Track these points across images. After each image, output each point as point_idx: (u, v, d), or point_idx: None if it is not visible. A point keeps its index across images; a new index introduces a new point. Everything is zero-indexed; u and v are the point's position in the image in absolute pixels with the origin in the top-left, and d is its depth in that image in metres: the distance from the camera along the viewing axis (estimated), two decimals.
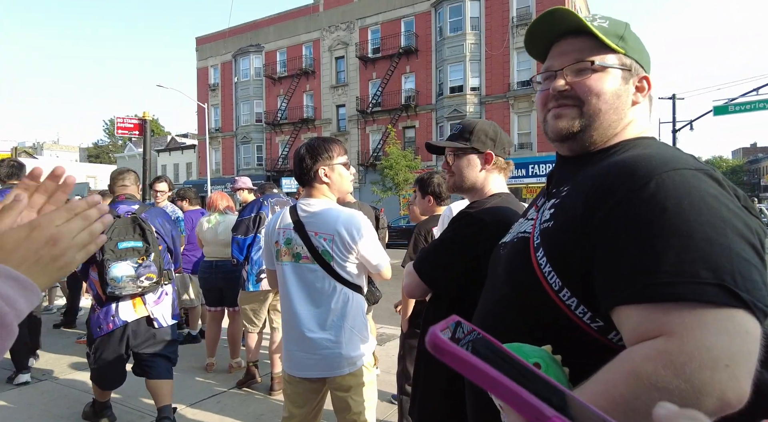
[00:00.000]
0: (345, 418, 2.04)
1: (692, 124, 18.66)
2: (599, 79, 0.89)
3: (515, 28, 22.92)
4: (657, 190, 0.69)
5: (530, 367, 0.44)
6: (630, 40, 0.92)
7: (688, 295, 0.62)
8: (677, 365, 0.60)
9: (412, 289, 1.50)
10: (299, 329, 1.96)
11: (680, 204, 0.66)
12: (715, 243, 0.64)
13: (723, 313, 0.61)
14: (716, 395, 0.58)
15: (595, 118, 0.89)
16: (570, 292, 0.78)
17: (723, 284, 0.62)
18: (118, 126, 7.51)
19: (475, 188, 1.55)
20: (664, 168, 0.71)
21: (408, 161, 22.11)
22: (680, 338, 0.61)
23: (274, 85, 30.85)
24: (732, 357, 0.59)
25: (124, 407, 3.50)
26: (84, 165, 50.64)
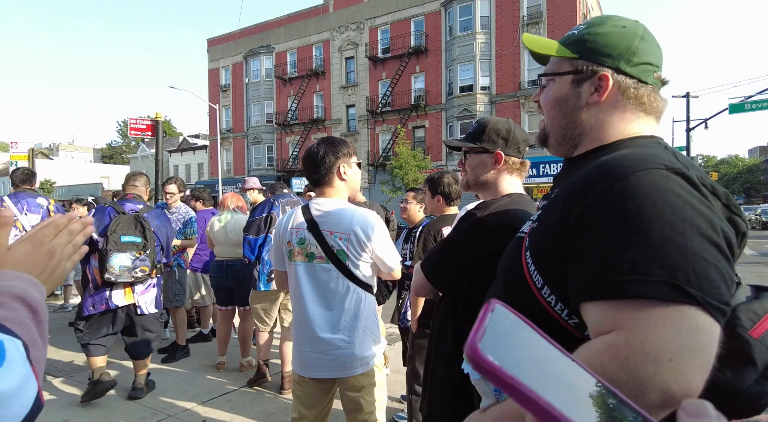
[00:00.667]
0: (356, 418, 2.04)
1: (707, 122, 18.37)
2: (548, 89, 0.97)
3: (526, 26, 22.76)
4: (622, 190, 0.71)
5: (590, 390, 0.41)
6: (590, 41, 0.91)
7: (639, 292, 0.65)
8: (622, 358, 0.62)
9: (418, 287, 1.50)
10: (312, 329, 1.96)
11: (642, 204, 0.68)
12: (672, 242, 0.65)
13: (672, 309, 0.63)
14: (659, 388, 0.60)
15: (550, 124, 0.99)
16: (550, 289, 0.82)
17: (674, 282, 0.63)
18: (131, 127, 7.62)
19: (487, 188, 1.54)
20: (634, 168, 0.72)
21: (418, 160, 22.07)
22: (627, 332, 0.64)
23: (284, 86, 31.01)
24: (677, 352, 0.61)
25: (138, 404, 3.55)
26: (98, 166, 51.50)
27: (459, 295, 1.44)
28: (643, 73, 0.89)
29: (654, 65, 0.91)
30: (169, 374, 4.24)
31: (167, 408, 3.48)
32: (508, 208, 1.44)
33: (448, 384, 1.43)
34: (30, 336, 0.57)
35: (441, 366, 1.46)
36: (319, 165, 2.00)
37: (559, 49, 0.95)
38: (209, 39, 35.17)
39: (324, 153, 2.00)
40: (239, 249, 4.02)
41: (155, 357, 4.66)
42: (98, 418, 3.32)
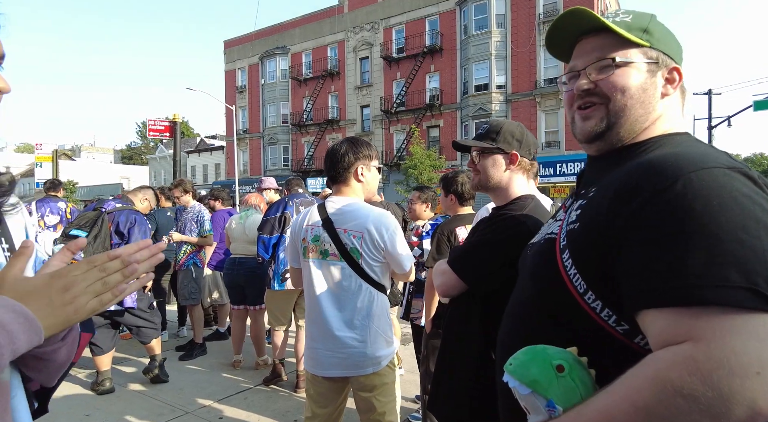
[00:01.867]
0: (369, 418, 2.04)
1: (730, 120, 17.92)
2: (623, 75, 0.88)
3: (542, 24, 22.49)
4: (684, 190, 0.66)
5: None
6: (656, 31, 0.90)
7: (716, 299, 0.60)
8: (704, 372, 0.57)
9: (448, 288, 1.48)
10: (325, 327, 1.97)
11: (709, 204, 0.64)
12: (747, 245, 0.61)
13: (754, 318, 0.59)
14: (746, 403, 0.56)
15: (621, 114, 0.89)
16: (595, 295, 0.77)
17: (755, 289, 0.59)
18: (150, 128, 7.77)
19: (500, 188, 1.54)
20: (693, 167, 0.68)
21: (432, 160, 21.99)
22: (708, 343, 0.59)
23: (299, 87, 31.22)
24: (763, 364, 0.56)
25: (157, 401, 3.61)
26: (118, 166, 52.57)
27: (488, 296, 1.43)
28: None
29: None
30: (187, 371, 4.31)
31: (185, 404, 3.54)
32: (538, 211, 1.46)
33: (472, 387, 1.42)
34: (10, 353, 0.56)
35: (462, 368, 1.45)
36: (338, 163, 2.02)
37: (632, 36, 0.88)
38: (226, 41, 35.59)
39: (345, 152, 2.02)
40: (254, 247, 4.07)
41: (173, 354, 4.75)
42: (118, 413, 3.39)
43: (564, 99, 1.01)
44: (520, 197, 1.53)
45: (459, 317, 1.53)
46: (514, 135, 1.53)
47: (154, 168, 46.17)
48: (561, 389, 0.71)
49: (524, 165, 1.55)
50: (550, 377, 0.72)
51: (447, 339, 1.58)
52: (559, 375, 0.71)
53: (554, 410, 0.71)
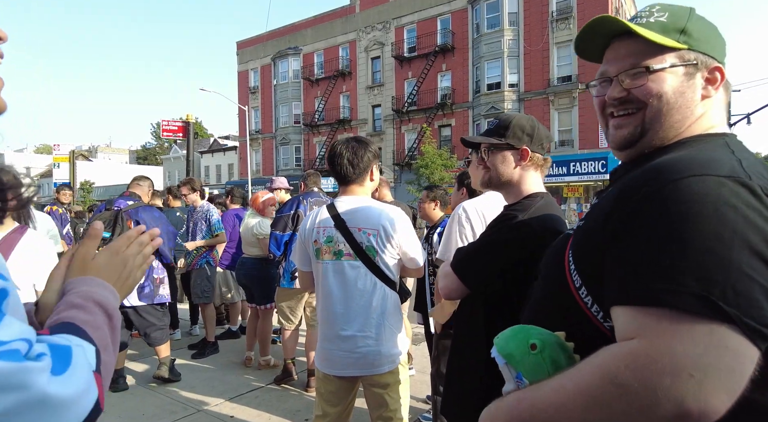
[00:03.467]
0: (381, 415, 2.04)
1: (749, 117, 17.53)
2: (657, 80, 0.84)
3: (555, 22, 22.25)
4: (669, 195, 0.67)
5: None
6: (695, 30, 0.85)
7: (668, 302, 0.62)
8: (638, 366, 0.61)
9: (450, 291, 1.46)
10: (339, 327, 1.96)
11: (687, 212, 0.64)
12: (715, 254, 0.62)
13: (701, 325, 0.60)
14: (674, 402, 0.58)
15: (656, 120, 0.85)
16: (587, 290, 0.81)
17: (707, 297, 0.60)
18: (164, 128, 7.87)
19: (511, 185, 1.50)
20: (687, 172, 0.68)
21: (444, 159, 21.91)
22: (649, 341, 0.62)
23: (311, 87, 31.34)
24: (700, 369, 0.58)
25: (169, 399, 3.64)
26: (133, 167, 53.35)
27: (491, 297, 1.40)
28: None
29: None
30: (199, 370, 4.34)
31: (197, 403, 3.56)
32: (548, 211, 1.41)
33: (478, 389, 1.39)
34: (103, 341, 0.62)
35: (470, 369, 1.43)
36: (359, 163, 2.02)
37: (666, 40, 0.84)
38: (238, 42, 35.89)
39: (364, 153, 2.03)
40: (252, 248, 4.31)
41: (185, 353, 4.79)
42: (131, 410, 3.42)
43: (595, 104, 0.98)
44: (529, 195, 1.48)
45: (465, 318, 1.51)
46: (524, 130, 1.47)
47: (168, 168, 46.78)
48: (531, 365, 0.78)
49: (536, 161, 1.49)
50: (523, 352, 0.80)
51: (455, 341, 1.56)
52: (532, 352, 0.79)
53: (521, 382, 0.79)
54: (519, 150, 1.47)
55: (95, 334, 0.61)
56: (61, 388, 0.51)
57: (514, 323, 1.38)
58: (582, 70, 21.54)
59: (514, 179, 1.49)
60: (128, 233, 0.80)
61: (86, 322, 0.62)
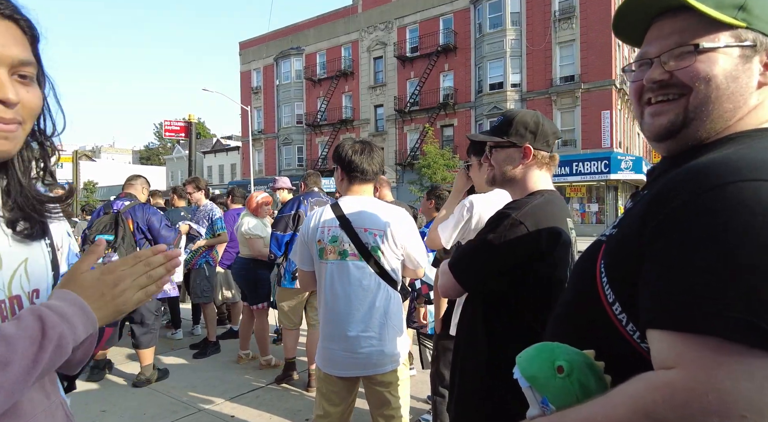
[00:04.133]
0: (383, 414, 2.04)
1: None
2: (708, 61, 0.72)
3: (557, 22, 22.21)
4: (715, 202, 0.58)
5: None
6: (757, 6, 0.73)
7: (713, 329, 0.54)
8: (677, 401, 0.54)
9: (447, 289, 1.46)
10: (342, 327, 1.95)
11: (737, 222, 0.56)
12: (764, 274, 0.53)
13: (752, 356, 0.52)
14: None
15: (703, 108, 0.74)
16: (621, 307, 0.71)
17: (757, 323, 0.52)
18: (166, 129, 7.89)
19: (515, 183, 1.49)
20: (737, 176, 0.59)
21: (446, 160, 21.90)
22: (692, 373, 0.54)
23: (314, 87, 31.38)
24: (755, 409, 0.50)
25: (171, 398, 3.65)
26: (136, 167, 53.54)
27: (490, 298, 1.40)
28: None
29: None
30: (200, 369, 4.34)
31: (198, 402, 3.57)
32: (544, 209, 1.39)
33: (479, 389, 1.39)
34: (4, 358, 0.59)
35: (471, 370, 1.42)
36: (381, 164, 2.07)
37: (721, 15, 0.72)
38: (241, 42, 36.00)
39: (379, 154, 2.07)
40: (244, 248, 4.37)
41: (187, 352, 4.80)
42: (132, 409, 3.43)
43: (630, 90, 0.86)
44: (533, 193, 1.46)
45: (466, 319, 1.51)
46: (527, 127, 1.44)
47: (171, 168, 46.92)
48: (557, 389, 0.71)
49: (540, 159, 1.46)
50: (548, 376, 0.72)
51: (457, 341, 1.56)
52: (558, 375, 0.71)
53: (547, 407, 0.72)
54: (521, 148, 1.44)
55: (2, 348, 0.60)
56: None
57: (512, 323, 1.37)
58: (585, 69, 21.49)
59: (518, 178, 1.47)
60: (139, 252, 0.79)
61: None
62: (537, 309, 1.29)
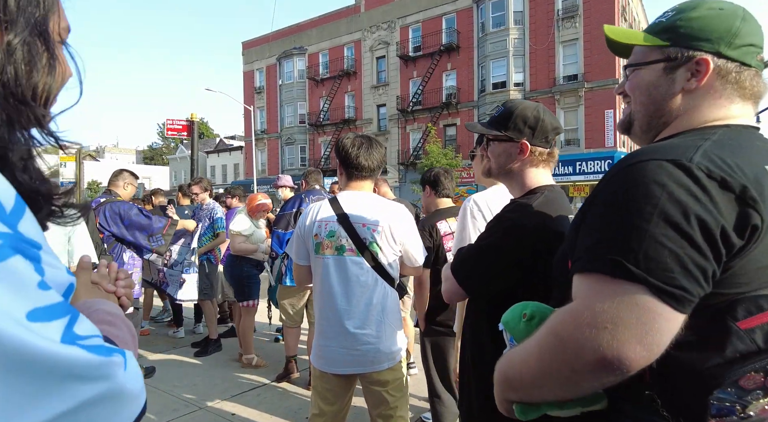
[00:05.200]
0: (381, 413, 2.01)
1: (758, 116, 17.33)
2: (635, 76, 0.96)
3: (560, 21, 22.13)
4: (616, 179, 0.79)
5: None
6: (683, 27, 0.88)
7: (591, 268, 0.75)
8: (569, 319, 0.74)
9: (451, 295, 1.43)
10: (339, 324, 1.93)
11: (622, 193, 0.75)
12: (633, 228, 0.71)
13: (616, 285, 0.70)
14: (593, 350, 0.69)
15: (637, 111, 0.96)
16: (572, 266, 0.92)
17: (620, 261, 0.70)
18: (168, 128, 7.90)
19: (512, 178, 1.45)
20: (635, 159, 0.77)
21: (449, 159, 21.86)
22: (579, 301, 0.75)
23: (316, 87, 31.40)
24: (614, 322, 0.68)
25: (172, 397, 3.64)
26: (139, 167, 53.72)
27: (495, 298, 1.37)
28: (746, 56, 0.85)
29: (757, 46, 0.86)
30: (201, 367, 4.34)
31: (199, 401, 3.56)
32: (544, 209, 1.35)
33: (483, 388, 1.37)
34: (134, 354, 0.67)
35: (477, 372, 1.41)
36: (382, 160, 2.05)
37: (647, 38, 0.92)
38: (244, 42, 36.03)
39: (381, 150, 2.06)
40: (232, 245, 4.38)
41: (188, 351, 4.80)
42: None
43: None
44: (532, 190, 1.42)
45: (470, 319, 1.48)
46: (526, 122, 1.39)
47: (174, 168, 47.05)
48: (520, 331, 0.92)
49: (538, 155, 1.41)
50: (516, 321, 0.95)
51: (464, 341, 1.54)
52: (522, 320, 0.93)
53: (513, 345, 0.95)
54: (519, 143, 1.39)
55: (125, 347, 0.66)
56: (131, 383, 0.56)
57: None
58: (588, 69, 21.42)
59: (514, 172, 1.43)
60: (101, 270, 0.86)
61: (117, 337, 0.66)
62: None
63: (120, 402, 0.55)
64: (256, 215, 4.47)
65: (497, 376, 0.90)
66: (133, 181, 4.12)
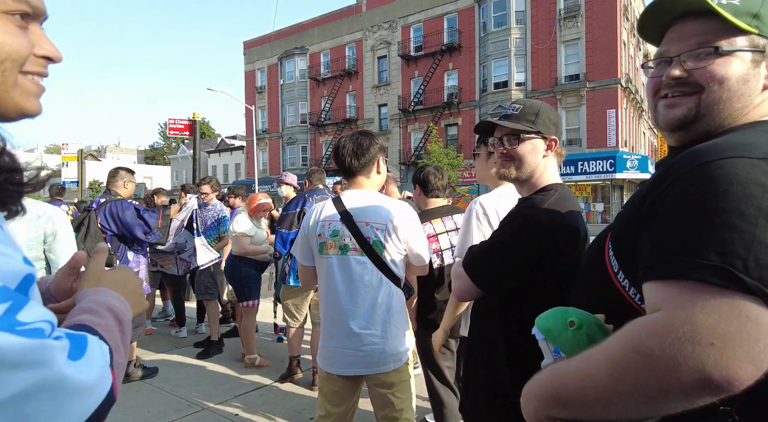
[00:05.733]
0: (386, 415, 1.99)
1: None
2: (723, 64, 0.81)
3: (562, 20, 22.10)
4: (699, 175, 0.69)
5: None
6: (767, 16, 0.81)
7: (689, 274, 0.64)
8: (659, 333, 0.63)
9: (464, 293, 1.42)
10: (343, 324, 1.91)
11: (715, 191, 0.66)
12: (737, 230, 0.63)
13: (722, 296, 0.61)
14: (695, 368, 0.60)
15: (714, 106, 0.82)
16: (624, 274, 0.82)
17: (727, 269, 0.62)
18: (170, 127, 7.91)
19: (533, 177, 1.42)
20: (722, 155, 0.69)
21: (450, 159, 21.85)
22: (671, 311, 0.64)
23: (317, 87, 31.39)
24: (721, 337, 0.60)
25: (175, 397, 3.64)
26: (141, 166, 53.80)
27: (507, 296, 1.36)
28: None
29: None
30: (205, 368, 4.33)
31: (202, 401, 3.55)
32: (560, 205, 1.35)
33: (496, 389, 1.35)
34: (114, 343, 0.64)
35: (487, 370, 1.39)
36: (364, 155, 1.98)
37: (739, 22, 0.80)
38: (245, 41, 36.04)
39: (369, 144, 2.00)
40: (234, 246, 4.37)
41: (192, 351, 4.79)
42: (137, 407, 3.42)
43: (648, 85, 0.93)
44: (544, 187, 1.41)
45: (479, 318, 1.46)
46: (551, 118, 1.42)
47: (175, 168, 47.08)
48: (568, 340, 0.82)
49: (558, 151, 1.44)
50: (561, 329, 0.84)
51: (470, 341, 1.52)
52: (569, 328, 0.83)
53: (559, 356, 0.84)
54: (548, 139, 1.41)
55: (107, 335, 0.63)
56: (77, 373, 0.51)
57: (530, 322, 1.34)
58: (590, 68, 21.38)
59: (538, 170, 1.42)
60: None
61: (98, 324, 0.63)
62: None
63: (62, 392, 0.49)
64: (257, 215, 4.45)
65: (540, 391, 0.80)
66: (131, 178, 4.12)
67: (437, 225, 2.69)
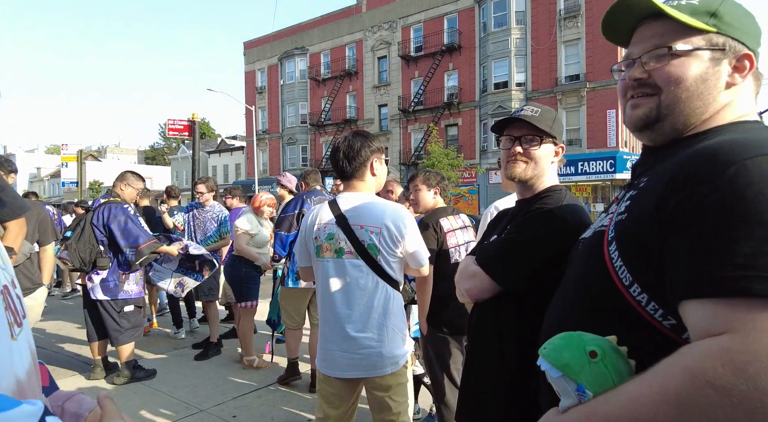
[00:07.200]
0: (383, 418, 1.98)
1: None
2: (680, 65, 0.81)
3: (562, 21, 22.07)
4: (736, 176, 0.62)
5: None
6: (727, 14, 0.81)
7: (758, 291, 0.56)
8: (738, 364, 0.54)
9: (481, 291, 1.38)
10: (340, 327, 1.90)
11: (761, 192, 0.60)
12: None
13: None
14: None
15: (674, 106, 0.82)
16: (641, 287, 0.74)
17: None
18: (170, 127, 7.90)
19: (540, 179, 1.46)
20: (749, 153, 0.64)
21: (450, 159, 21.82)
22: (746, 335, 0.55)
23: (318, 87, 31.38)
24: None
25: (173, 398, 3.62)
26: (141, 167, 53.79)
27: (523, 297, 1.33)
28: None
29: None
30: (203, 369, 4.32)
31: (200, 402, 3.54)
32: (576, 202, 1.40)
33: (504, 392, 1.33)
34: None
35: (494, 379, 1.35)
36: (356, 157, 1.96)
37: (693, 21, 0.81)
38: (245, 42, 36.02)
39: (360, 146, 1.97)
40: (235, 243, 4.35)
41: (190, 352, 4.78)
42: (134, 409, 3.40)
43: (618, 88, 0.95)
44: (550, 187, 1.44)
45: (484, 319, 1.42)
46: (561, 126, 1.49)
47: (176, 168, 47.07)
48: (592, 374, 0.70)
49: (561, 158, 1.52)
50: (582, 362, 0.71)
51: (473, 344, 1.48)
52: (591, 360, 0.71)
53: (584, 394, 0.71)
54: (558, 146, 1.48)
55: None
56: None
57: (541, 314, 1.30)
58: (590, 68, 21.36)
59: (546, 174, 1.47)
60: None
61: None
62: None
63: None
64: (260, 212, 4.44)
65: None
66: (133, 182, 4.08)
67: (453, 221, 2.79)
